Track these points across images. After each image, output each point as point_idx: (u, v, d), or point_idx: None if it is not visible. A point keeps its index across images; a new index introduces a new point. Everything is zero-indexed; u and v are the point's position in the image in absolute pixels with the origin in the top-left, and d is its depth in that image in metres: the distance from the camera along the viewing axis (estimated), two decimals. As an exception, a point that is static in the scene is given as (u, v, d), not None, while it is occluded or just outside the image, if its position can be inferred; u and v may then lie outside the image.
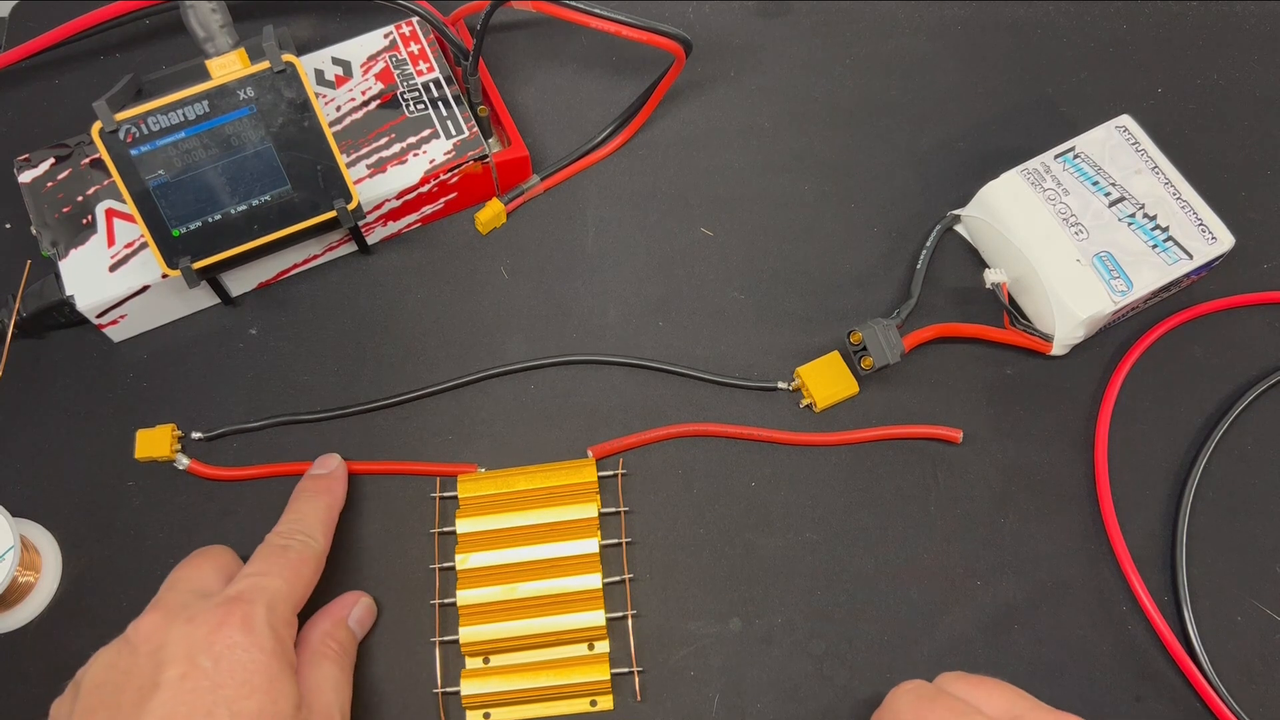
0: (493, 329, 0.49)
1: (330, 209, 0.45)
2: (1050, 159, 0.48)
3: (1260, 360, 0.47)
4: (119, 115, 0.41)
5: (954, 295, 0.49)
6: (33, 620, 0.43)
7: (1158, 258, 0.45)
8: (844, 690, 0.41)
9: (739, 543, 0.44)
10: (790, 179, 0.52)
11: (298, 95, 0.43)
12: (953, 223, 0.50)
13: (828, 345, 0.48)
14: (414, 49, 0.51)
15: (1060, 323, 0.45)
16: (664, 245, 0.51)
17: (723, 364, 0.48)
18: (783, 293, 0.49)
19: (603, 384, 0.48)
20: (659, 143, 0.53)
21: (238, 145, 0.43)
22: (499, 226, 0.51)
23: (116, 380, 0.48)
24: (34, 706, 0.42)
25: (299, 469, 0.45)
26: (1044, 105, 0.54)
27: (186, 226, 0.43)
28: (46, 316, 0.46)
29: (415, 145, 0.48)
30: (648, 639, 0.42)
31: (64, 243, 0.46)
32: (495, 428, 0.47)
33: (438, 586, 0.43)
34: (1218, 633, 0.42)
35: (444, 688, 0.42)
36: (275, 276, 0.50)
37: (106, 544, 0.45)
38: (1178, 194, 0.47)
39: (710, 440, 0.46)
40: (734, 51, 0.55)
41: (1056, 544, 0.44)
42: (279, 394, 0.48)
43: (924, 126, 0.53)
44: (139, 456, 0.45)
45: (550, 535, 0.43)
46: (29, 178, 0.48)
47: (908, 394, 0.47)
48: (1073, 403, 0.47)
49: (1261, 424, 0.46)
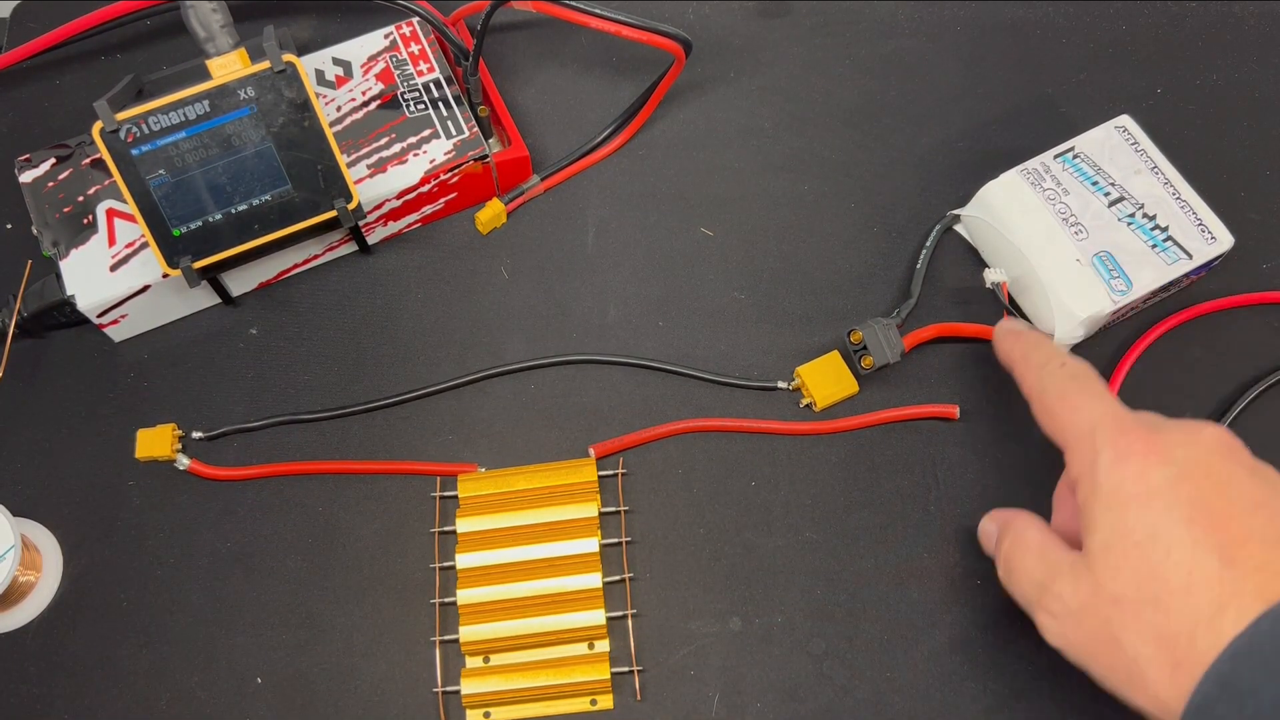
0: (493, 329, 0.49)
1: (330, 209, 0.45)
2: (1050, 159, 0.48)
3: (1260, 360, 0.47)
4: (120, 115, 0.41)
5: (954, 295, 0.49)
6: (33, 620, 0.43)
7: (1157, 258, 0.45)
8: (844, 690, 0.41)
9: (739, 542, 0.44)
10: (790, 179, 0.52)
11: (298, 95, 0.43)
12: (953, 223, 0.50)
13: (828, 345, 0.48)
14: (414, 49, 0.51)
15: (1060, 322, 0.45)
16: (664, 245, 0.51)
17: (723, 364, 0.48)
18: (783, 293, 0.49)
19: (603, 384, 0.48)
20: (659, 143, 0.53)
21: (238, 145, 0.43)
22: (499, 226, 0.51)
23: (117, 380, 0.48)
24: (34, 706, 0.42)
25: (299, 469, 0.46)
26: (1044, 105, 0.54)
27: (187, 226, 0.43)
28: (47, 316, 0.46)
29: (415, 145, 0.48)
30: (648, 638, 0.42)
31: (65, 243, 0.46)
32: (495, 428, 0.47)
33: (438, 586, 0.43)
34: (1218, 632, 0.42)
35: (444, 687, 0.42)
36: (275, 276, 0.50)
37: (107, 544, 0.45)
38: (1177, 194, 0.47)
39: (710, 439, 0.46)
40: (734, 51, 0.55)
41: (1056, 544, 0.44)
42: (279, 394, 0.48)
43: (924, 126, 0.53)
44: (139, 456, 0.45)
45: (550, 535, 0.43)
46: (30, 178, 0.48)
47: (908, 393, 0.47)
48: (1073, 402, 0.47)
49: (1261, 424, 0.46)
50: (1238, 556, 0.30)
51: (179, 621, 0.43)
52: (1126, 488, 0.32)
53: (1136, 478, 0.32)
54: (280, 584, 0.44)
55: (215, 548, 0.45)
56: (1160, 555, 0.31)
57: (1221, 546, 0.30)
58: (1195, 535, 0.30)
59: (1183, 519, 0.31)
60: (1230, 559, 0.30)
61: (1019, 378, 0.40)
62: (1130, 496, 0.32)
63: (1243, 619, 0.29)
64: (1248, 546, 0.30)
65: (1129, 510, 0.32)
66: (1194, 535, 0.30)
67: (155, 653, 0.43)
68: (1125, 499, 0.32)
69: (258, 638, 0.43)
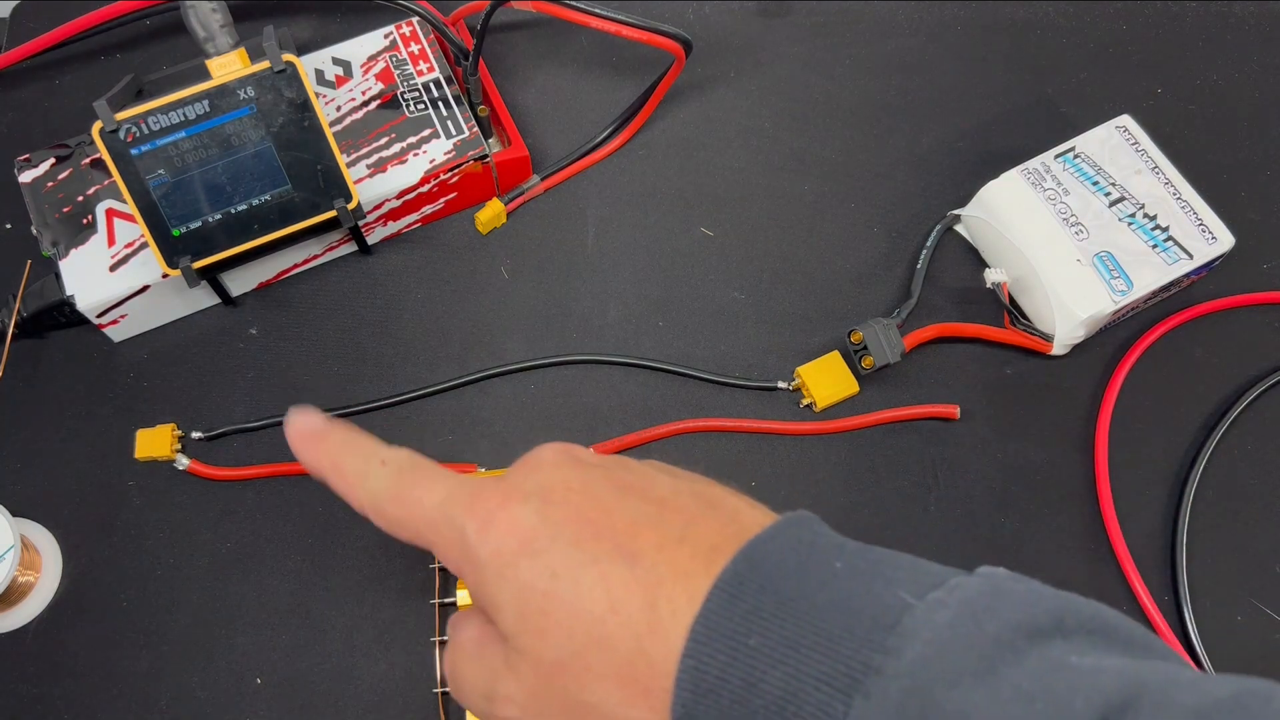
0: (493, 329, 0.49)
1: (330, 209, 0.45)
2: (1050, 159, 0.48)
3: (1260, 360, 0.47)
4: (119, 115, 0.41)
5: (954, 295, 0.49)
6: (33, 620, 0.43)
7: (1158, 258, 0.45)
8: (844, 690, 0.41)
9: (739, 542, 0.44)
10: (790, 179, 0.52)
11: (298, 95, 0.43)
12: (953, 222, 0.50)
13: (828, 345, 0.48)
14: (414, 49, 0.51)
15: (1060, 322, 0.45)
16: (664, 245, 0.51)
17: (723, 364, 0.48)
18: (783, 293, 0.49)
19: (603, 384, 0.48)
20: (659, 143, 0.53)
21: (238, 145, 0.43)
22: (499, 226, 0.51)
23: (117, 380, 0.48)
24: (34, 706, 0.42)
25: (299, 469, 0.45)
26: (1044, 105, 0.54)
27: (187, 226, 0.43)
28: (47, 316, 0.46)
29: (415, 145, 0.48)
30: (648, 639, 0.42)
31: (64, 243, 0.46)
32: (495, 428, 0.47)
33: (437, 586, 0.43)
34: (1218, 633, 0.42)
35: (444, 687, 0.42)
36: (275, 276, 0.50)
37: (106, 544, 0.45)
38: (1178, 194, 0.47)
39: (710, 440, 0.46)
40: (734, 51, 0.55)
41: (1056, 544, 0.44)
42: (279, 394, 0.48)
43: (924, 126, 0.53)
44: (139, 456, 0.45)
45: (550, 535, 0.43)
46: (29, 178, 0.48)
47: (908, 393, 0.47)
48: (1073, 403, 0.47)
49: (1261, 424, 0.46)
50: (636, 548, 0.27)
51: (179, 621, 0.43)
52: (505, 546, 0.28)
53: (508, 531, 0.28)
54: (280, 584, 0.44)
55: (215, 548, 0.45)
56: (570, 590, 0.27)
57: (619, 549, 0.27)
58: (590, 552, 0.28)
59: (570, 543, 0.28)
60: (631, 554, 0.27)
61: (339, 492, 0.34)
62: (512, 553, 0.28)
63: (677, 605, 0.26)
64: (639, 535, 0.28)
65: (519, 566, 0.28)
66: (589, 553, 0.28)
67: (155, 653, 0.43)
68: (509, 558, 0.28)
69: (258, 638, 0.43)
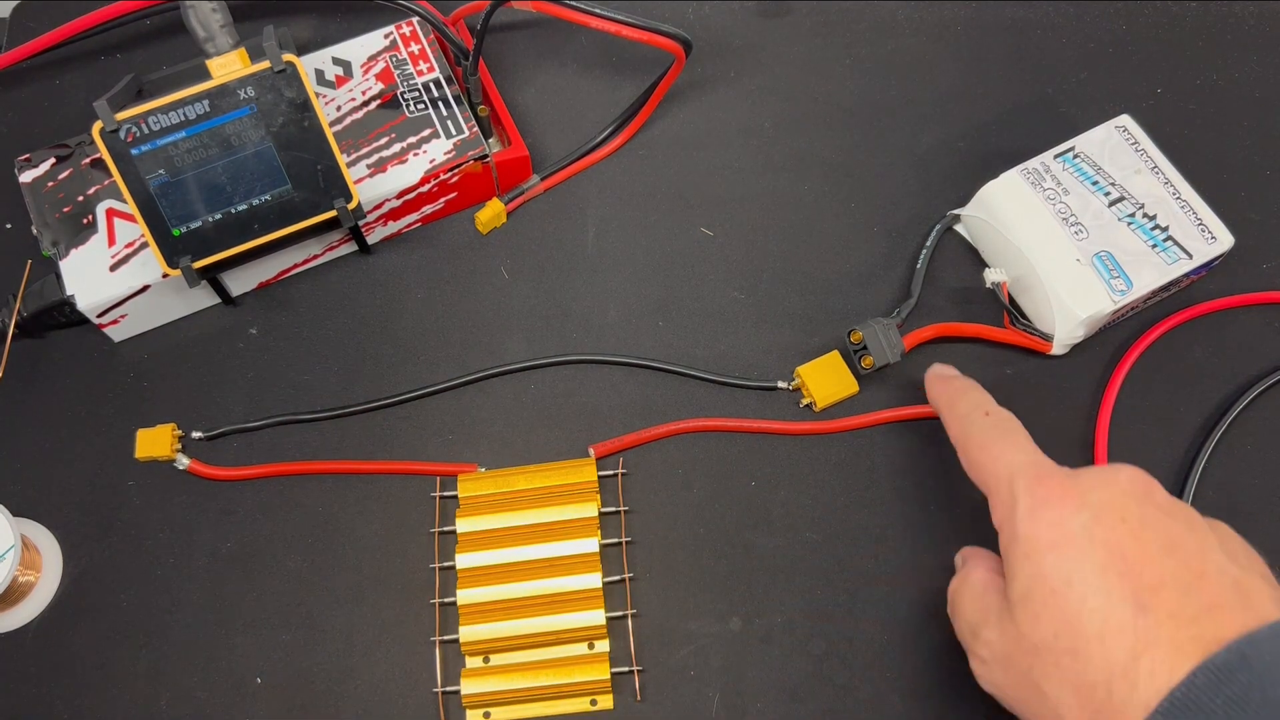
0: (493, 329, 0.49)
1: (330, 209, 0.45)
2: (1050, 159, 0.48)
3: (1260, 360, 0.47)
4: (120, 115, 0.41)
5: (954, 295, 0.49)
6: (33, 620, 0.43)
7: (1157, 257, 0.45)
8: (844, 690, 0.41)
9: (739, 542, 0.44)
10: (790, 179, 0.52)
11: (298, 95, 0.43)
12: (953, 222, 0.50)
13: (828, 345, 0.48)
14: (414, 49, 0.51)
15: (1060, 322, 0.45)
16: (664, 245, 0.51)
17: (723, 364, 0.48)
18: (783, 293, 0.49)
19: (603, 384, 0.48)
20: (659, 143, 0.53)
21: (238, 145, 0.43)
22: (499, 226, 0.51)
23: (117, 380, 0.48)
24: (34, 706, 0.42)
25: (299, 469, 0.45)
26: (1044, 105, 0.54)
27: (187, 226, 0.43)
28: (47, 316, 0.46)
29: (415, 145, 0.48)
30: (647, 638, 0.42)
31: (65, 242, 0.46)
32: (495, 428, 0.47)
33: (437, 586, 0.43)
34: (1218, 632, 0.42)
35: (444, 687, 0.42)
36: (275, 276, 0.50)
37: (106, 544, 0.45)
38: (1177, 194, 0.47)
39: (710, 439, 0.46)
40: (734, 51, 0.55)
41: (1056, 544, 0.44)
42: (279, 394, 0.48)
43: (924, 126, 0.53)
44: (139, 456, 0.45)
45: (550, 535, 0.43)
46: (30, 178, 0.48)
47: (908, 393, 0.47)
48: (1073, 403, 0.47)
49: (1261, 424, 0.46)
50: (1151, 604, 0.30)
51: (179, 621, 0.43)
52: (1043, 535, 0.32)
53: (1052, 525, 0.32)
54: (280, 584, 0.44)
55: (215, 548, 0.45)
56: (1076, 603, 0.31)
57: (1135, 593, 0.30)
58: (1109, 582, 0.30)
59: (1097, 566, 0.31)
60: (1143, 606, 0.30)
61: (945, 424, 0.40)
62: (1047, 544, 0.32)
63: (1157, 669, 0.29)
64: (1161, 593, 0.30)
65: (1045, 558, 0.32)
66: (1108, 582, 0.30)
67: (155, 653, 0.43)
68: (1042, 547, 0.32)
69: (257, 638, 0.43)
